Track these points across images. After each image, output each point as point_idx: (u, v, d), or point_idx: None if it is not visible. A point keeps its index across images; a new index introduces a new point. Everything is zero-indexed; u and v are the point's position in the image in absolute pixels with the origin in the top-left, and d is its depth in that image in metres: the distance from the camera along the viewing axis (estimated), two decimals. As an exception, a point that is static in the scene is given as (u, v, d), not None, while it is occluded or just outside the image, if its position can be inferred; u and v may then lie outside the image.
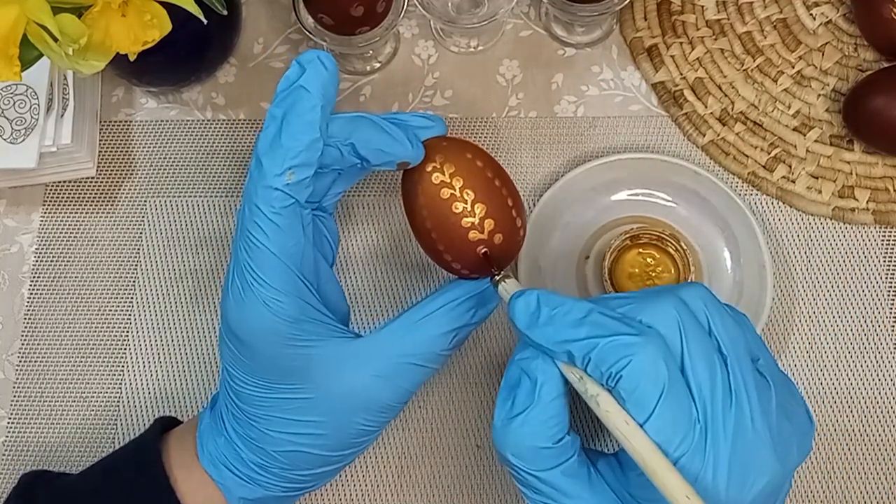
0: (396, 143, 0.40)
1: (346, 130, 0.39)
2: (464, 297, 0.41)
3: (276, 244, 0.37)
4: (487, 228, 0.40)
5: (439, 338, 0.40)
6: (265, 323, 0.38)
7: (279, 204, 0.37)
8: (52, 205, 0.55)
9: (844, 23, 0.55)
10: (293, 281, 0.38)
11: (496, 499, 0.49)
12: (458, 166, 0.40)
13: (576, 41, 0.57)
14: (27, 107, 0.52)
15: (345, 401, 0.39)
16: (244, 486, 0.41)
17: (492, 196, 0.40)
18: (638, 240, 0.50)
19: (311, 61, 0.37)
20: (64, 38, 0.39)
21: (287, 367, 0.39)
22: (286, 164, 0.37)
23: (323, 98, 0.37)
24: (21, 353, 0.53)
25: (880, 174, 0.53)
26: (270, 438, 0.40)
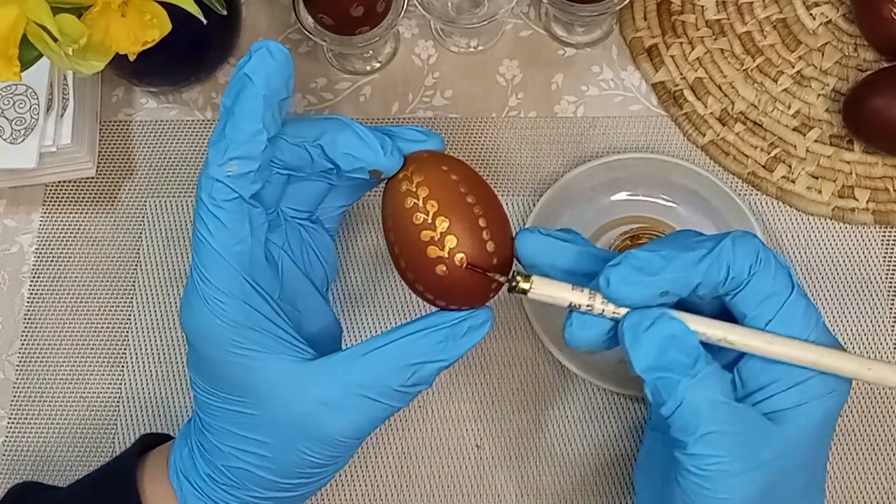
0: (367, 148, 0.37)
1: (315, 131, 0.38)
2: (429, 328, 0.36)
3: (219, 240, 0.36)
4: (448, 245, 0.35)
5: (395, 371, 0.36)
6: (207, 324, 0.36)
7: (220, 196, 0.35)
8: (52, 205, 0.55)
9: (844, 23, 0.55)
10: (237, 282, 0.36)
11: (496, 499, 0.49)
12: (427, 176, 0.36)
13: (576, 41, 0.57)
14: (27, 107, 0.52)
15: (287, 424, 0.36)
16: (198, 498, 0.39)
17: (460, 212, 0.35)
18: (638, 240, 0.50)
19: (258, 50, 0.36)
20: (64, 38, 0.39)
21: (231, 377, 0.36)
22: (227, 154, 0.35)
23: (266, 88, 0.35)
24: (21, 353, 0.53)
25: (880, 174, 0.53)
26: (219, 451, 0.38)
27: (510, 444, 0.50)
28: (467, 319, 0.37)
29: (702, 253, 0.34)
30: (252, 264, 0.36)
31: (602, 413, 0.50)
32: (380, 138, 0.37)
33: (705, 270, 0.34)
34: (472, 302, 0.37)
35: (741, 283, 0.34)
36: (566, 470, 0.49)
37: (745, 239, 0.35)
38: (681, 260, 0.34)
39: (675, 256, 0.34)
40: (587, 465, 0.49)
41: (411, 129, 0.39)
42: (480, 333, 0.37)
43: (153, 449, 0.43)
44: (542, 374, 0.51)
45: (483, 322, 0.37)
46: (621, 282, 0.34)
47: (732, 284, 0.34)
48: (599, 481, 0.49)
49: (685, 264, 0.34)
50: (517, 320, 0.52)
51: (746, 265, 0.34)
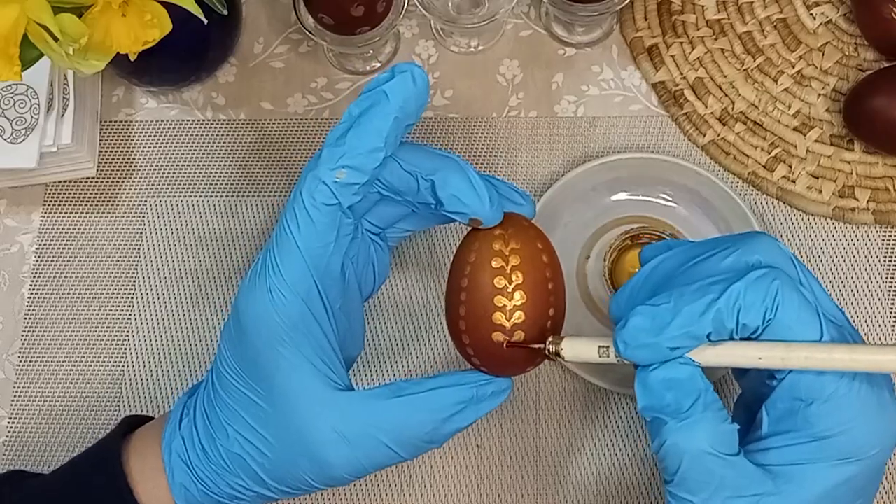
0: (477, 196, 0.37)
1: (431, 165, 0.37)
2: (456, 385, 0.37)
3: (304, 238, 0.36)
4: (514, 320, 0.36)
5: (416, 424, 0.37)
6: (264, 312, 0.36)
7: (321, 198, 0.36)
8: (52, 205, 0.55)
9: (844, 23, 0.55)
10: (306, 282, 0.36)
11: (496, 499, 0.49)
12: (523, 246, 0.37)
13: (576, 41, 0.57)
14: (27, 107, 0.52)
15: (298, 439, 0.37)
16: (187, 473, 0.39)
17: (538, 293, 0.36)
18: (638, 239, 0.50)
19: (403, 72, 0.36)
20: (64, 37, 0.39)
21: (263, 369, 0.37)
22: (342, 161, 0.36)
23: (400, 110, 0.36)
24: (21, 353, 0.53)
25: (880, 174, 0.53)
26: (224, 431, 0.38)
27: (510, 444, 0.50)
28: (491, 384, 0.38)
29: (710, 300, 0.32)
30: (325, 271, 0.37)
31: (602, 413, 0.50)
32: (489, 190, 0.37)
33: (712, 320, 0.32)
34: (503, 372, 0.38)
35: (756, 329, 0.32)
36: (566, 470, 0.49)
37: (760, 283, 0.32)
38: (686, 313, 0.32)
39: (680, 309, 0.32)
40: (587, 465, 0.49)
41: (514, 190, 0.39)
42: (499, 400, 0.38)
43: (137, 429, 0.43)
44: (542, 375, 0.51)
45: (504, 389, 0.38)
46: (629, 347, 0.33)
47: (746, 332, 0.33)
48: (599, 481, 0.49)
49: (691, 317, 0.32)
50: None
51: (760, 312, 0.32)
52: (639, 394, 0.34)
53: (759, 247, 0.34)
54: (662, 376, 0.33)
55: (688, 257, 0.36)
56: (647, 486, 0.49)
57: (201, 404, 0.40)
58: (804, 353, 0.32)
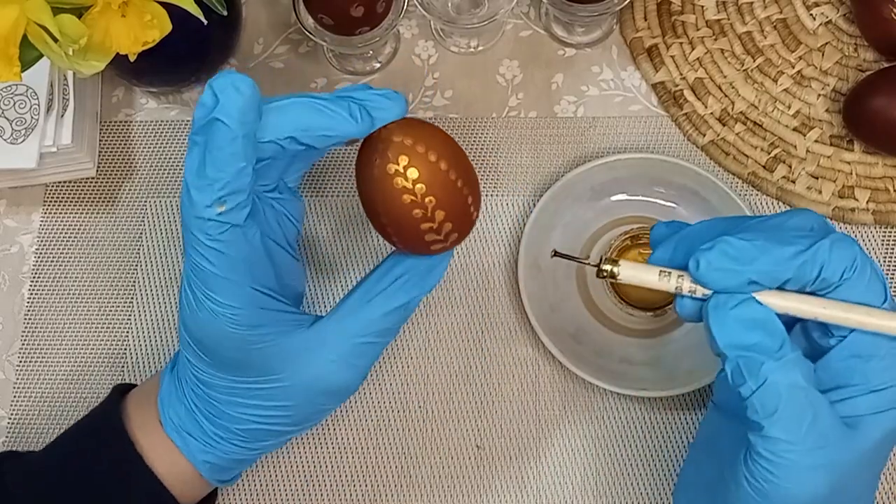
0: (339, 122, 0.37)
1: (282, 124, 0.36)
2: (409, 272, 0.40)
3: (222, 268, 0.36)
4: (439, 219, 0.38)
5: (390, 315, 0.40)
6: (222, 332, 0.38)
7: (215, 231, 0.36)
8: (52, 205, 0.55)
9: (844, 23, 0.55)
10: (247, 294, 0.38)
11: (496, 499, 0.49)
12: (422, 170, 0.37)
13: (576, 41, 0.57)
14: (27, 107, 0.52)
15: (307, 387, 0.40)
16: (207, 451, 0.42)
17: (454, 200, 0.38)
18: (638, 240, 0.50)
19: (224, 89, 0.34)
20: (64, 38, 0.39)
21: (249, 363, 0.39)
22: (214, 195, 0.35)
23: (242, 127, 0.35)
24: (21, 353, 0.53)
25: (880, 174, 0.53)
26: (231, 417, 0.41)
27: (510, 444, 0.50)
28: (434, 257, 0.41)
29: (798, 248, 0.34)
30: (254, 268, 0.38)
31: (602, 413, 0.50)
32: (346, 108, 0.37)
33: (798, 267, 0.34)
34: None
35: (830, 285, 0.34)
36: (566, 470, 0.49)
37: (843, 243, 0.34)
38: (775, 254, 0.34)
39: (769, 249, 0.34)
40: (587, 465, 0.49)
41: (374, 94, 0.38)
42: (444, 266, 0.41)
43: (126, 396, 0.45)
44: (542, 374, 0.51)
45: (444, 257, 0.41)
46: (710, 267, 0.34)
47: (821, 285, 0.34)
48: (599, 481, 0.49)
49: (779, 258, 0.34)
50: (517, 320, 0.52)
51: (839, 269, 0.34)
52: (717, 332, 0.34)
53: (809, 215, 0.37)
54: (746, 315, 0.34)
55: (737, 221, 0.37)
56: (646, 486, 0.49)
57: (194, 400, 0.41)
58: (863, 315, 0.34)
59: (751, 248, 0.34)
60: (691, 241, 0.36)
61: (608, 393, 0.50)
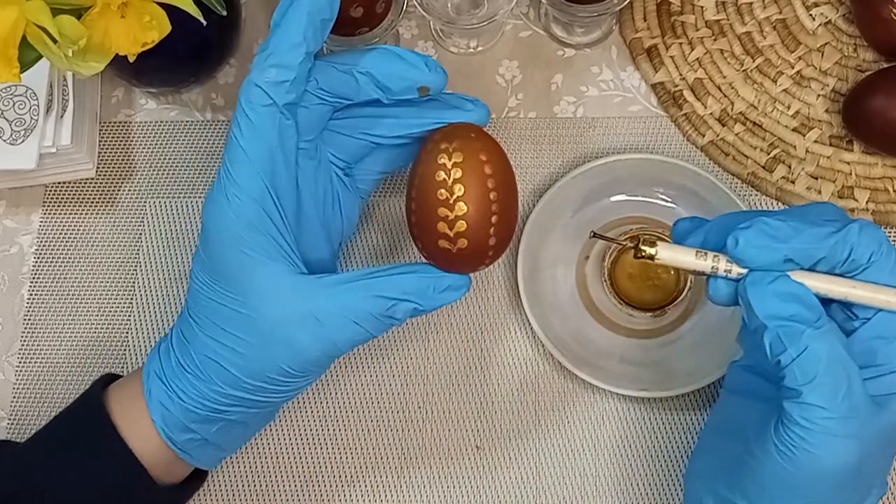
0: (412, 67, 0.41)
1: (362, 58, 0.41)
2: (415, 272, 0.40)
3: (247, 141, 0.38)
4: (456, 229, 0.39)
5: (377, 299, 0.39)
6: (223, 217, 0.39)
7: (257, 101, 0.38)
8: (51, 205, 0.56)
9: (844, 23, 0.55)
10: (258, 184, 0.39)
11: (496, 499, 0.49)
12: (466, 159, 0.39)
13: (575, 42, 0.57)
14: (27, 108, 0.52)
15: (271, 328, 0.39)
16: (165, 392, 0.42)
17: (479, 205, 0.39)
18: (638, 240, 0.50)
19: None
20: (63, 39, 0.39)
21: (230, 273, 0.39)
22: (268, 62, 0.38)
23: (311, 4, 0.39)
24: (21, 353, 0.53)
25: (880, 174, 0.53)
26: (198, 339, 0.41)
27: (510, 444, 0.50)
28: (448, 278, 0.41)
29: (830, 230, 0.36)
30: (275, 173, 0.39)
31: (602, 413, 0.50)
32: (423, 57, 0.41)
33: (831, 246, 0.36)
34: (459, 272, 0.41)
35: (859, 266, 0.36)
36: (566, 471, 0.49)
37: (871, 227, 0.36)
38: (809, 233, 0.36)
39: (804, 229, 0.36)
40: (587, 465, 0.49)
41: (462, 98, 0.43)
42: (456, 295, 0.41)
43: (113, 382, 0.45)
44: (542, 374, 0.51)
45: (460, 286, 0.41)
46: (749, 244, 0.36)
47: (851, 266, 0.36)
48: (599, 482, 0.49)
49: (813, 237, 0.36)
50: (517, 320, 0.52)
51: (868, 251, 0.36)
52: (756, 305, 0.36)
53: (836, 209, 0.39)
54: (783, 289, 0.36)
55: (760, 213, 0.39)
56: (646, 486, 0.49)
57: (178, 326, 0.42)
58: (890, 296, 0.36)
59: (787, 227, 0.36)
60: (722, 228, 0.38)
61: (608, 393, 0.50)
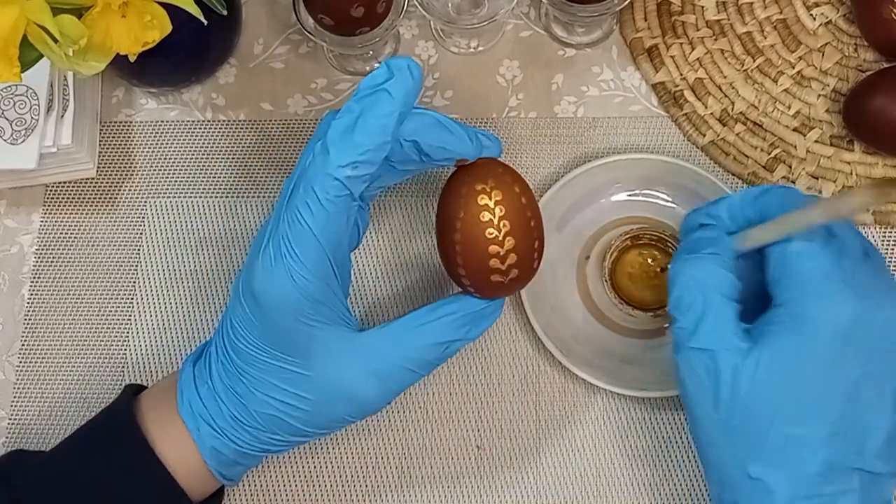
0: (458, 140, 0.41)
1: (410, 127, 0.41)
2: (462, 312, 0.42)
3: (319, 227, 0.39)
4: (508, 262, 0.41)
5: (433, 347, 0.42)
6: (286, 295, 0.39)
7: (334, 193, 0.38)
8: (52, 205, 0.56)
9: (844, 23, 0.55)
10: (324, 264, 0.39)
11: (496, 499, 0.49)
12: (504, 196, 0.41)
13: (576, 42, 0.57)
14: (27, 107, 0.52)
15: (335, 386, 0.41)
16: (217, 438, 0.42)
17: (524, 235, 0.41)
18: (638, 240, 0.50)
19: (401, 69, 0.39)
20: (64, 39, 0.39)
21: (292, 341, 0.40)
22: (353, 158, 0.38)
23: (403, 105, 0.39)
24: (21, 353, 0.53)
25: (880, 174, 0.53)
26: (255, 398, 0.41)
27: (510, 444, 0.50)
28: (489, 307, 0.43)
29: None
30: (337, 248, 0.40)
31: (602, 413, 0.50)
32: (465, 129, 0.42)
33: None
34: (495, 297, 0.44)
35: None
36: (566, 470, 0.49)
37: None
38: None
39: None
40: (587, 465, 0.49)
41: (481, 134, 0.43)
42: (495, 317, 0.44)
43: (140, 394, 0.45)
44: (542, 374, 0.51)
45: (497, 308, 0.44)
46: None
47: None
48: (599, 482, 0.49)
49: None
50: (517, 320, 0.52)
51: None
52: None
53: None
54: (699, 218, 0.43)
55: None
56: (646, 486, 0.49)
57: (219, 375, 0.42)
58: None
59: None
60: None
61: (608, 393, 0.50)
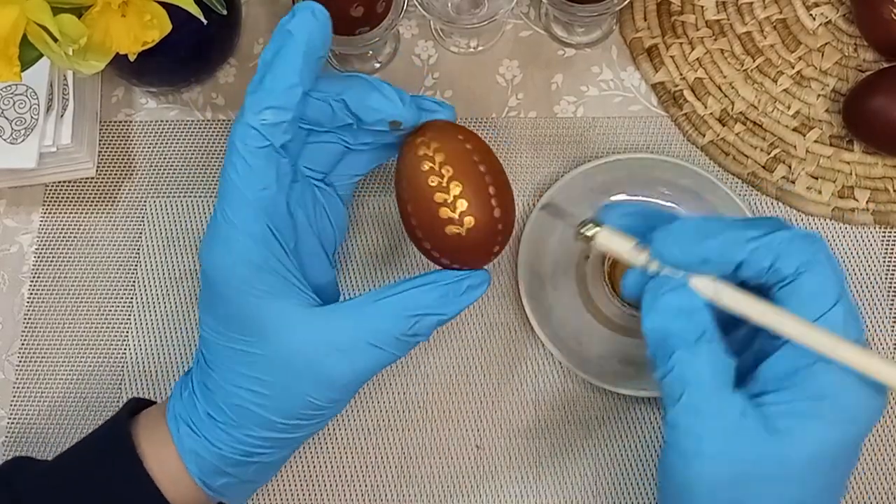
0: (386, 99, 0.40)
1: (338, 87, 0.40)
2: (432, 283, 0.39)
3: (246, 183, 0.38)
4: (459, 209, 0.38)
5: (399, 320, 0.39)
6: (226, 263, 0.38)
7: (253, 143, 0.37)
8: (52, 205, 0.55)
9: (844, 23, 0.55)
10: (259, 226, 0.38)
11: (496, 499, 0.49)
12: (444, 143, 0.39)
13: (576, 41, 0.57)
14: (27, 107, 0.52)
15: (292, 365, 0.38)
16: (195, 438, 0.41)
17: (473, 179, 0.38)
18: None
19: (303, 9, 0.38)
20: (64, 38, 0.39)
21: (242, 316, 0.38)
22: (264, 103, 0.37)
23: (306, 45, 0.38)
24: (21, 353, 0.53)
25: (880, 174, 0.53)
26: (222, 389, 0.40)
27: (510, 444, 0.50)
28: (467, 279, 0.40)
29: (753, 234, 0.35)
30: (274, 211, 0.38)
31: (602, 413, 0.50)
32: (398, 92, 0.40)
33: (751, 251, 0.34)
34: (473, 263, 0.40)
35: (784, 278, 0.34)
36: (566, 470, 0.49)
37: (804, 239, 0.35)
38: (731, 234, 0.35)
39: (726, 229, 0.35)
40: (587, 465, 0.49)
41: (427, 99, 0.42)
42: (478, 293, 0.40)
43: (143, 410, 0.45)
44: (541, 374, 0.51)
45: (481, 283, 0.40)
46: (666, 240, 0.36)
47: (774, 277, 0.35)
48: (599, 482, 0.49)
49: (734, 239, 0.35)
50: (517, 320, 0.52)
51: (795, 262, 0.34)
52: (646, 316, 0.35)
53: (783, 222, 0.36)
54: (675, 303, 0.35)
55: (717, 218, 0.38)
56: (646, 486, 0.49)
57: (197, 376, 0.41)
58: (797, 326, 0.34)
59: (712, 226, 0.35)
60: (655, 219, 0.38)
61: (608, 393, 0.50)
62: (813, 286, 0.34)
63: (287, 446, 0.42)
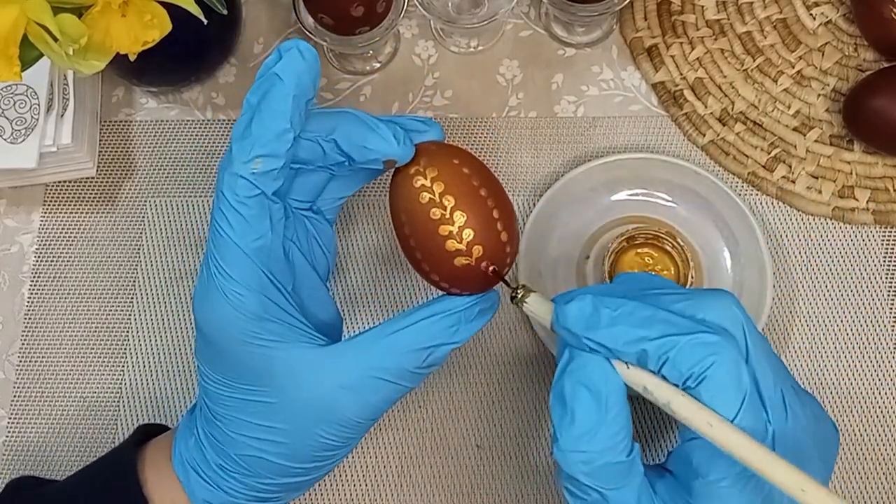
0: (381, 139, 0.38)
1: (328, 125, 0.38)
2: (443, 313, 0.38)
3: (240, 235, 0.36)
4: (466, 239, 0.37)
5: (411, 354, 0.37)
6: (225, 316, 0.36)
7: (244, 193, 0.36)
8: (52, 205, 0.55)
9: (844, 23, 0.55)
10: (257, 276, 0.36)
11: (496, 499, 0.49)
12: (441, 171, 0.37)
13: (576, 41, 0.57)
14: (27, 107, 0.52)
15: (306, 409, 0.37)
16: (208, 489, 0.39)
17: (475, 206, 0.37)
18: (634, 240, 0.50)
19: (289, 50, 0.36)
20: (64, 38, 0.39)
21: (248, 367, 0.37)
22: (253, 152, 0.36)
23: (296, 88, 0.36)
24: (21, 353, 0.53)
25: (880, 174, 0.53)
26: (232, 441, 0.38)
27: (510, 444, 0.50)
28: (477, 304, 0.38)
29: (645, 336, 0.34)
30: (270, 258, 0.37)
31: (602, 413, 0.50)
32: (391, 128, 0.38)
33: (637, 353, 0.34)
34: (481, 288, 0.39)
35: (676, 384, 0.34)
36: (566, 470, 0.49)
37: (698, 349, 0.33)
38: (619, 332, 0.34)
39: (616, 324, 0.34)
40: (587, 465, 0.49)
41: (413, 120, 0.40)
42: (488, 316, 0.39)
43: (152, 439, 0.43)
44: (542, 375, 0.51)
45: (491, 305, 0.39)
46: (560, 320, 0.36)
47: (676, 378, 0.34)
48: (599, 481, 0.49)
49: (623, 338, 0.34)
50: (517, 320, 0.52)
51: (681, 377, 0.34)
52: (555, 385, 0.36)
53: (715, 304, 0.35)
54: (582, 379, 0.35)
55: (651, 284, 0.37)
56: (646, 487, 0.49)
57: (201, 425, 0.40)
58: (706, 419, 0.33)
59: (604, 316, 0.35)
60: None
61: (608, 393, 0.50)
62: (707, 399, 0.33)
63: (300, 487, 0.41)
